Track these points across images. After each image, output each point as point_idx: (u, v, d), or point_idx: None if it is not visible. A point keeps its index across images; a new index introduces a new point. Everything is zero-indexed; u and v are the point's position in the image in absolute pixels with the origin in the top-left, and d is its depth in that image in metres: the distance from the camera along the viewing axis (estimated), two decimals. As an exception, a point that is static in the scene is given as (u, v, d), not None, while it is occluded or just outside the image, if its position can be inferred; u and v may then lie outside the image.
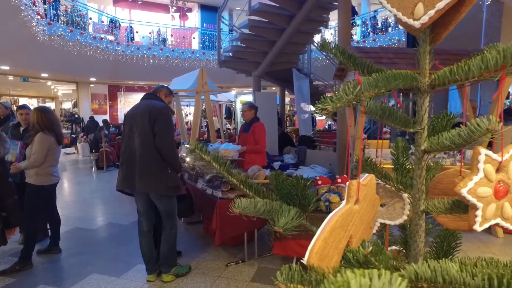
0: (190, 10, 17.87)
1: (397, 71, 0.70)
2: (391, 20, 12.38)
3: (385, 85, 0.62)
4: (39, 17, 8.46)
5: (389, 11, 0.73)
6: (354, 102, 0.61)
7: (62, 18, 10.77)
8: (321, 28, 7.25)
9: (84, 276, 3.33)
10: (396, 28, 11.12)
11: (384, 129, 4.76)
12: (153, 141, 2.91)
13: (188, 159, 4.40)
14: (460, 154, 4.29)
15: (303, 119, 8.69)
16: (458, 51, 4.12)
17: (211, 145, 3.76)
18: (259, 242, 3.76)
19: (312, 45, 8.59)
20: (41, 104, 17.19)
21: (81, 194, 6.90)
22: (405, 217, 0.74)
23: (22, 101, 15.71)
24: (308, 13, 5.90)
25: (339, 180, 3.38)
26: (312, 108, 10.10)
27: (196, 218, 4.80)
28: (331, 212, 2.94)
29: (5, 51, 9.12)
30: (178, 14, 17.45)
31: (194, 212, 4.02)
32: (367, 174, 0.62)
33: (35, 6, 8.07)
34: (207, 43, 15.17)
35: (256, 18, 6.30)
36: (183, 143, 4.99)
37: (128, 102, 17.15)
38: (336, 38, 14.76)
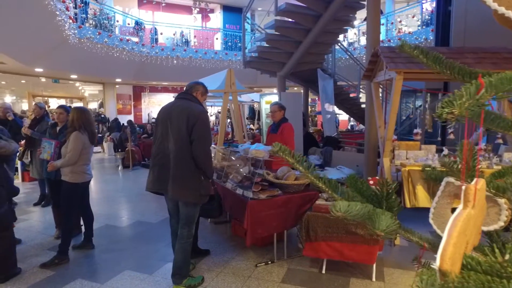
0: (212, 11, 18.04)
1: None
2: (417, 18, 12.09)
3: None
4: (70, 21, 8.76)
5: (496, 9, 0.69)
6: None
7: (90, 21, 11.11)
8: (346, 27, 7.16)
9: (117, 272, 3.42)
10: (423, 27, 10.84)
11: (415, 130, 4.64)
12: (189, 147, 2.82)
13: (216, 160, 4.44)
14: (496, 157, 4.13)
15: (327, 119, 8.60)
16: (496, 49, 3.98)
17: (241, 146, 3.78)
18: (287, 243, 3.75)
19: (336, 45, 8.49)
20: (69, 104, 17.76)
21: (109, 192, 7.08)
22: (501, 223, 0.72)
23: (52, 101, 16.32)
24: (335, 12, 5.84)
25: (371, 182, 3.34)
26: (336, 108, 9.99)
27: (223, 218, 4.84)
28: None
29: (40, 54, 9.50)
30: (201, 15, 17.64)
31: (222, 212, 4.04)
32: (477, 178, 0.60)
33: (68, 10, 8.36)
34: (229, 43, 15.27)
35: (278, 18, 6.30)
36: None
37: (152, 102, 17.49)
38: (359, 38, 14.56)
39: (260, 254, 3.79)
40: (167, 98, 17.71)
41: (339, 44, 8.34)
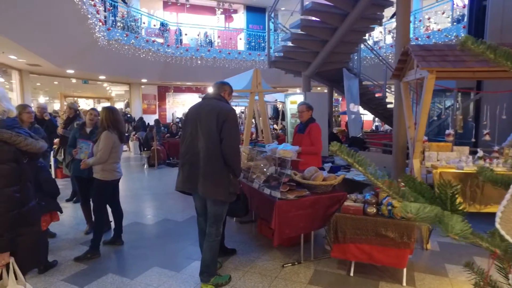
0: (236, 11, 18.14)
1: None
2: (447, 15, 11.69)
3: None
4: (100, 23, 9.05)
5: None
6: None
7: (118, 23, 11.43)
8: (374, 26, 7.01)
9: (146, 269, 3.49)
10: (454, 24, 10.47)
11: (447, 131, 4.48)
12: (219, 146, 2.84)
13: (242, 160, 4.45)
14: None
15: (352, 120, 8.47)
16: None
17: (268, 146, 3.77)
18: (314, 244, 3.72)
19: (362, 44, 8.34)
20: (97, 104, 18.36)
21: (136, 190, 7.25)
22: None
23: (81, 101, 16.92)
24: (362, 11, 5.73)
25: (402, 184, 3.25)
26: (361, 108, 9.82)
27: (248, 218, 4.85)
28: (393, 216, 2.85)
29: (71, 56, 9.87)
30: (223, 16, 17.78)
31: (248, 212, 4.05)
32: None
33: (98, 13, 8.64)
34: (253, 43, 15.31)
35: (303, 17, 6.24)
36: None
37: (176, 102, 17.79)
38: (385, 36, 14.24)
39: (286, 255, 3.77)
40: (191, 98, 17.99)
41: (364, 43, 8.18)
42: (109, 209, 4.13)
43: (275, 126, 13.88)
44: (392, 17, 12.59)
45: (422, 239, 3.88)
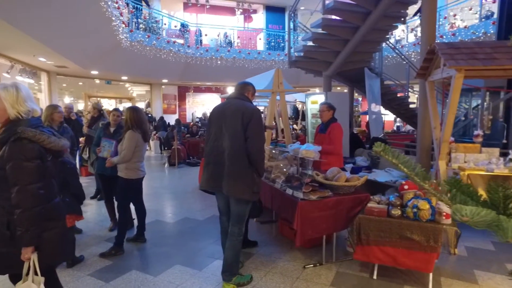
0: (255, 11, 18.16)
1: None
2: (474, 11, 11.29)
3: None
4: (123, 25, 9.25)
5: None
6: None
7: (141, 25, 11.65)
8: (397, 24, 6.86)
9: (168, 266, 3.54)
10: (482, 20, 10.10)
11: (476, 132, 4.33)
12: (244, 145, 2.86)
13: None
14: None
15: (373, 120, 8.31)
16: None
17: (290, 146, 3.75)
18: (336, 246, 3.67)
19: (383, 43, 8.17)
20: (119, 104, 18.79)
21: (157, 188, 7.36)
22: None
23: (104, 101, 17.36)
24: (385, 9, 5.61)
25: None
26: (382, 108, 9.62)
27: (268, 218, 4.84)
28: (419, 219, 2.77)
29: (95, 58, 10.15)
30: (243, 16, 17.82)
31: (262, 212, 4.02)
32: None
33: (122, 16, 8.84)
34: (272, 43, 15.28)
35: (325, 16, 6.17)
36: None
37: (196, 102, 17.98)
38: (408, 35, 13.91)
39: (307, 256, 3.74)
40: (211, 98, 18.15)
41: (386, 41, 8.01)
42: (132, 207, 4.22)
43: (294, 126, 13.81)
44: (415, 14, 12.27)
45: (448, 243, 3.76)
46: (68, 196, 2.43)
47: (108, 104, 17.46)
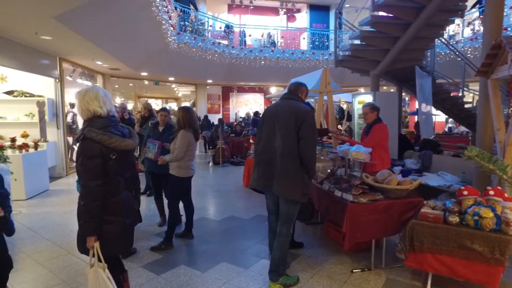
0: (299, 11, 18.02)
1: None
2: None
3: None
4: (172, 28, 9.61)
5: None
6: None
7: (187, 27, 12.04)
8: (453, 18, 6.43)
9: (215, 263, 3.62)
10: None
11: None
12: (296, 145, 2.86)
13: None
14: None
15: (423, 121, 7.90)
16: None
17: (340, 147, 3.68)
18: (386, 251, 3.53)
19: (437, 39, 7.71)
20: (165, 104, 19.57)
21: (203, 186, 7.55)
22: None
23: (151, 101, 18.17)
24: (441, 2, 5.29)
25: (491, 193, 2.93)
26: (434, 108, 9.10)
27: (314, 219, 4.78)
28: (481, 228, 2.56)
29: (145, 60, 10.66)
30: (286, 16, 17.74)
31: (312, 217, 3.97)
32: None
33: (170, 19, 9.20)
34: (316, 43, 15.06)
35: (373, 14, 5.95)
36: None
37: (239, 102, 18.22)
38: (464, 29, 13.01)
39: (355, 259, 3.64)
40: (254, 98, 18.31)
41: (440, 38, 7.55)
42: (180, 204, 4.37)
43: (339, 126, 13.50)
44: (473, 6, 11.44)
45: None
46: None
47: (155, 104, 18.26)
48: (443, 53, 10.98)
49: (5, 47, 6.21)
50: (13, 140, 6.45)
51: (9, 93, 7.15)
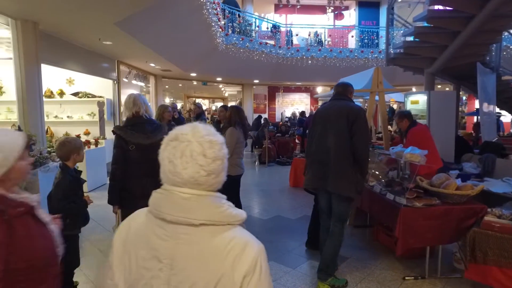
0: (347, 8, 17.56)
1: None
2: None
3: None
4: (220, 30, 9.86)
5: None
6: None
7: (235, 28, 12.27)
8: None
9: (263, 261, 3.66)
10: None
11: None
12: (349, 143, 2.89)
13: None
14: None
15: (486, 122, 7.31)
16: None
17: (393, 148, 3.54)
18: (442, 259, 3.34)
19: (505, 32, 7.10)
20: (212, 104, 20.13)
21: (249, 185, 7.64)
22: None
23: (199, 101, 18.78)
24: (510, -9, 4.85)
25: None
26: (496, 108, 8.39)
27: (363, 222, 4.65)
28: None
29: (195, 61, 11.05)
30: (333, 14, 17.37)
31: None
32: None
33: (220, 21, 9.44)
34: (365, 40, 14.58)
35: (428, 8, 5.61)
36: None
37: (285, 102, 18.18)
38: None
39: (407, 266, 3.49)
40: (300, 97, 18.17)
41: (508, 30, 6.95)
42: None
43: (389, 127, 12.96)
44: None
45: None
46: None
47: (203, 104, 18.85)
48: (511, 47, 10.08)
49: (72, 52, 6.79)
50: (78, 137, 7.03)
51: (75, 94, 7.80)
